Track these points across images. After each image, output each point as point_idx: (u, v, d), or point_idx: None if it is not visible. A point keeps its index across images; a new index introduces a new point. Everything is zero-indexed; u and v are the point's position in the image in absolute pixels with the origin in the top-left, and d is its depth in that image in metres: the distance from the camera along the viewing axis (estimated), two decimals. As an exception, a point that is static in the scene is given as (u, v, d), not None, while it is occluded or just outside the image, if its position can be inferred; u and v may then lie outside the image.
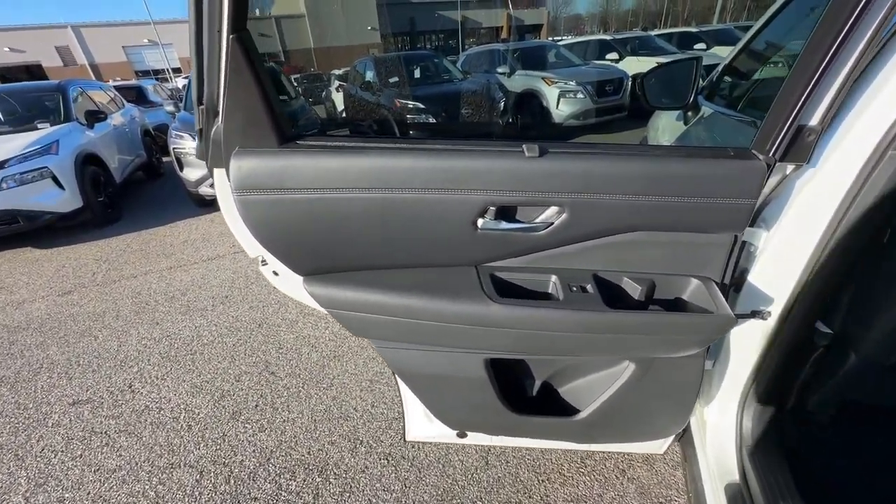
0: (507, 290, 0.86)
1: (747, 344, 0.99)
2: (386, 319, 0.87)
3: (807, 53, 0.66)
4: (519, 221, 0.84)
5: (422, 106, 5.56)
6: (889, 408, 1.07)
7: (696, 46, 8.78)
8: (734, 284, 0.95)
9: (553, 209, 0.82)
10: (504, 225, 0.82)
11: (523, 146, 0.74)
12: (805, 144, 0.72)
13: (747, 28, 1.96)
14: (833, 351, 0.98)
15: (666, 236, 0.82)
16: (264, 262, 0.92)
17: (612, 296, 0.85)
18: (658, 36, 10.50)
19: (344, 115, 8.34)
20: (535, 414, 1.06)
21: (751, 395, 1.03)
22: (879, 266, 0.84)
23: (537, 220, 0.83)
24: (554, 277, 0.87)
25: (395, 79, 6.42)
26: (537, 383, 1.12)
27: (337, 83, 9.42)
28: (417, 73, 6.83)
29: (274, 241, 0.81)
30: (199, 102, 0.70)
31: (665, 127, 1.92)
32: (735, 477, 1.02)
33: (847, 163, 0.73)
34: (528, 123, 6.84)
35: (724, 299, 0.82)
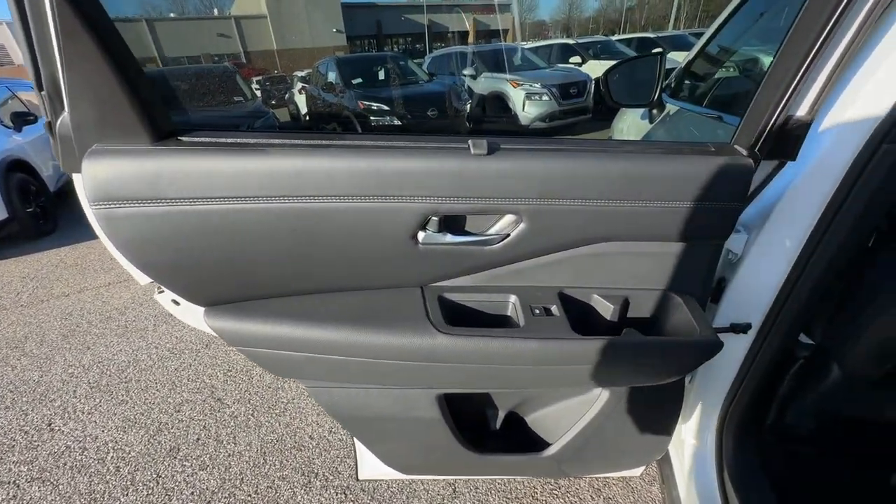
0: (458, 315, 0.74)
1: (727, 359, 0.91)
2: (311, 357, 0.72)
3: (794, 36, 0.57)
4: (469, 233, 0.71)
5: (385, 107, 5.40)
6: (877, 423, 1.03)
7: (654, 51, 9.06)
8: (712, 295, 0.87)
9: (509, 218, 0.70)
10: (450, 238, 0.69)
11: (469, 142, 0.62)
12: (792, 138, 0.64)
13: (701, 35, 1.94)
14: (815, 363, 0.92)
15: (639, 246, 0.72)
16: (160, 290, 0.75)
17: (581, 317, 0.75)
18: (618, 41, 10.81)
19: (308, 117, 8.06)
20: (499, 450, 0.94)
21: (731, 414, 0.95)
22: (865, 272, 0.78)
23: (490, 232, 0.71)
24: (514, 298, 0.75)
25: (359, 79, 6.22)
26: (501, 414, 1.00)
27: (300, 85, 9.11)
28: (381, 75, 6.66)
29: (155, 266, 0.65)
30: (39, 87, 0.54)
31: (629, 127, 1.87)
32: None
33: (836, 159, 0.65)
34: (495, 125, 6.81)
35: (707, 320, 0.72)
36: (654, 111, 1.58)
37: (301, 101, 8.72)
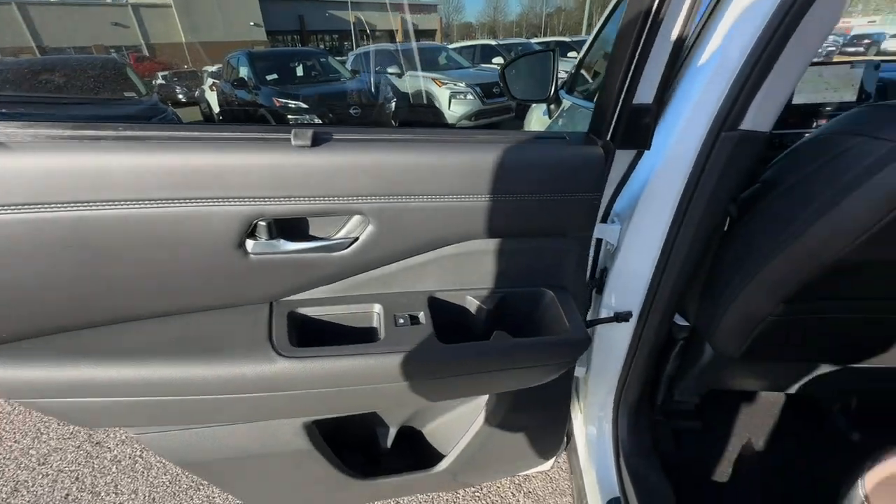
0: (314, 332, 0.66)
1: (615, 347, 0.93)
2: (123, 401, 0.60)
3: (626, 24, 0.57)
4: (314, 238, 0.63)
5: (304, 105, 5.12)
6: (749, 393, 1.12)
7: (569, 55, 9.62)
8: (596, 286, 0.88)
9: (357, 219, 0.63)
10: (288, 245, 0.61)
11: (292, 132, 0.54)
12: (641, 127, 0.64)
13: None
14: (691, 343, 0.98)
15: (508, 243, 0.69)
16: None
17: (453, 323, 0.70)
18: (538, 44, 11.35)
19: (221, 117, 7.43)
20: (391, 472, 0.87)
21: (623, 400, 0.98)
22: (722, 254, 0.83)
23: (337, 236, 0.64)
24: (378, 307, 0.68)
25: (274, 76, 5.83)
26: (392, 431, 0.93)
27: (211, 81, 8.39)
28: (300, 71, 6.31)
29: None
30: None
31: (535, 122, 1.91)
32: (615, 492, 0.96)
33: (686, 148, 0.67)
34: (422, 124, 6.79)
35: (578, 313, 0.72)
36: (553, 106, 1.62)
37: (212, 99, 8.02)
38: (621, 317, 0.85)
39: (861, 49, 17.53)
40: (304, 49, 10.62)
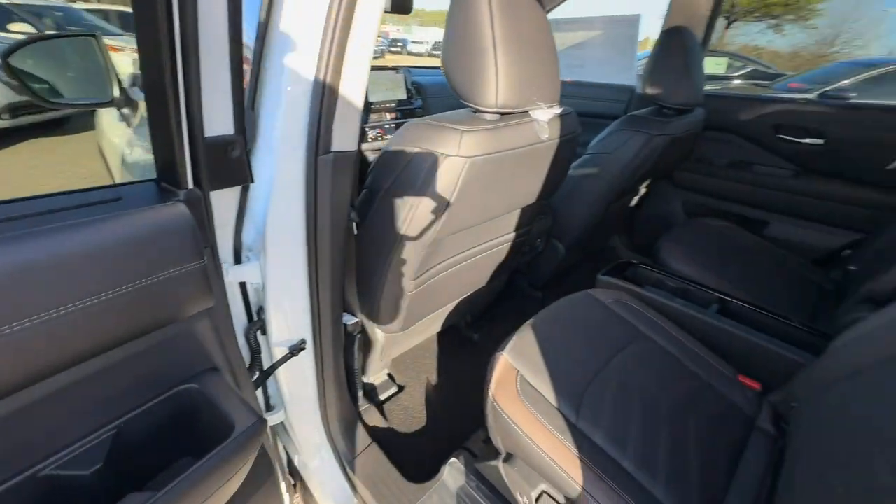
0: None
1: (304, 376, 0.88)
2: None
3: (141, 40, 0.44)
4: None
5: None
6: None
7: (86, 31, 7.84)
8: (260, 329, 0.77)
9: None
10: None
11: None
12: (233, 162, 0.55)
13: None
14: (366, 332, 1.07)
15: (100, 361, 0.46)
16: None
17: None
18: (91, 11, 8.59)
19: None
20: None
21: (329, 417, 0.96)
22: (363, 253, 0.91)
23: None
24: None
25: None
26: None
27: None
28: None
29: None
30: None
31: (107, 130, 1.42)
32: (354, 501, 0.96)
33: (290, 173, 0.65)
34: None
35: (236, 396, 0.58)
36: (128, 110, 1.24)
37: None
38: (297, 348, 0.80)
39: (398, 49, 24.16)
40: None
